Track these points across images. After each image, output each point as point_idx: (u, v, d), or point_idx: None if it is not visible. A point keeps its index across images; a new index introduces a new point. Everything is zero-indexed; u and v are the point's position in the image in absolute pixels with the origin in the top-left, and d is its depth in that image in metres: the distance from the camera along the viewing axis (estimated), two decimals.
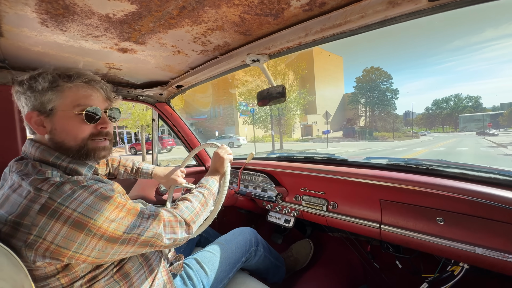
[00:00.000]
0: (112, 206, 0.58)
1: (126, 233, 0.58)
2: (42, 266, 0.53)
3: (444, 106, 66.36)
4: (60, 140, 0.66)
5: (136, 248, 0.61)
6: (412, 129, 54.24)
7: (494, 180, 0.87)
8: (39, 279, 0.55)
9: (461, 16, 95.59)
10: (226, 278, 0.99)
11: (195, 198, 0.81)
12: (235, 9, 0.70)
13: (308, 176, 1.32)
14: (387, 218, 1.02)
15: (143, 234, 0.61)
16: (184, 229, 0.71)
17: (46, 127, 0.65)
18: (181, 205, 0.76)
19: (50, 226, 0.51)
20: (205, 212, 0.82)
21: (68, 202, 0.53)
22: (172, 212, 0.71)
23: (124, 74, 1.26)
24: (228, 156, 1.01)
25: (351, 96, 50.98)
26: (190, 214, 0.74)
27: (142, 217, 0.62)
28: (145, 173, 1.26)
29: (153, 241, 0.63)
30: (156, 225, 0.64)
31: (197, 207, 0.78)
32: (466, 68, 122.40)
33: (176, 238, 0.68)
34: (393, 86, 48.52)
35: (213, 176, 0.95)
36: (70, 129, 0.66)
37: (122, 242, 0.58)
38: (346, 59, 67.50)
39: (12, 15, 0.67)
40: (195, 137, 1.83)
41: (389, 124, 45.01)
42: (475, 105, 62.63)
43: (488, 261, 0.80)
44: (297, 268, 1.54)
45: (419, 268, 1.31)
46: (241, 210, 2.03)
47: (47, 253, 0.52)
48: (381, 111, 48.99)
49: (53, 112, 0.64)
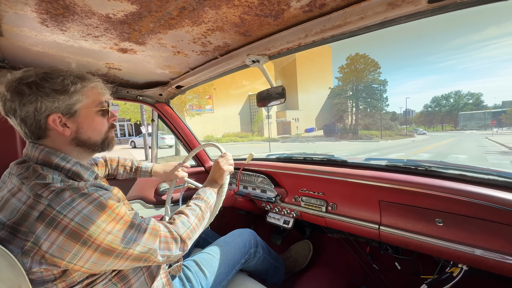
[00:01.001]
0: (110, 218, 0.57)
1: (121, 247, 0.57)
2: (38, 271, 0.53)
3: (443, 103, 61.63)
4: (87, 137, 0.70)
5: (130, 262, 0.60)
6: (407, 128, 49.10)
7: (493, 181, 0.87)
8: (36, 283, 0.54)
9: (462, 15, 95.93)
10: (225, 280, 0.98)
11: (192, 212, 0.79)
12: (235, 10, 0.70)
13: (307, 177, 1.32)
14: (386, 219, 1.02)
15: (138, 249, 0.60)
16: (179, 246, 0.70)
17: (71, 127, 0.67)
18: (177, 220, 0.74)
19: (46, 235, 0.51)
20: (201, 227, 0.81)
21: (66, 210, 0.53)
22: (169, 228, 0.70)
23: (124, 74, 1.26)
24: (228, 167, 1.00)
25: (335, 89, 45.01)
26: (186, 230, 0.73)
27: (139, 231, 0.62)
28: (144, 172, 1.27)
29: (147, 256, 0.62)
30: (152, 241, 0.63)
31: (193, 222, 0.77)
32: (467, 66, 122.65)
33: (170, 255, 0.68)
34: (381, 76, 41.96)
35: (211, 187, 0.93)
36: (95, 126, 0.72)
37: (116, 256, 0.57)
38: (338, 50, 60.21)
39: (12, 15, 0.67)
40: (194, 137, 1.83)
41: (378, 122, 39.72)
42: (476, 102, 58.06)
43: (487, 263, 0.80)
44: (296, 269, 1.54)
45: (418, 270, 1.31)
46: (240, 211, 2.03)
47: (43, 260, 0.51)
48: (367, 106, 43.00)
49: (77, 113, 0.67)
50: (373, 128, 39.17)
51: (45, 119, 0.63)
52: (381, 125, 37.43)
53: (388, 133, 36.32)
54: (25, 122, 0.62)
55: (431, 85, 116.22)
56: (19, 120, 0.62)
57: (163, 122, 1.75)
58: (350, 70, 42.04)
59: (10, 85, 0.61)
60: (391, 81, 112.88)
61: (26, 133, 0.65)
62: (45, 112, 0.62)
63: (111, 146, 0.78)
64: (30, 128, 0.63)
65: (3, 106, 0.62)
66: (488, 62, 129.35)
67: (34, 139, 0.66)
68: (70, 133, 0.67)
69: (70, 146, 0.69)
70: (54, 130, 0.65)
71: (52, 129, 0.65)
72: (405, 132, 40.00)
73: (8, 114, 0.63)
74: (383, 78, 41.70)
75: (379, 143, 26.39)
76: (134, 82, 1.41)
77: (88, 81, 0.69)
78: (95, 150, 0.74)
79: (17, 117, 0.62)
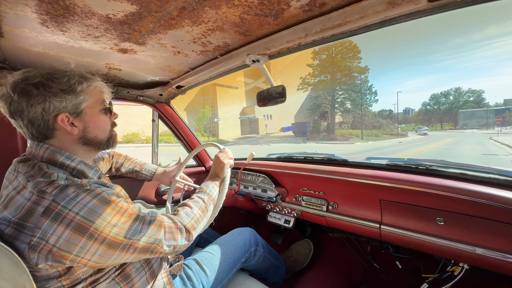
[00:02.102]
0: (114, 211, 0.58)
1: (127, 239, 0.58)
2: (44, 268, 0.54)
3: (443, 101, 55.88)
4: (93, 135, 0.72)
5: (137, 254, 0.61)
6: (400, 126, 43.72)
7: (494, 180, 0.87)
8: (41, 280, 0.55)
9: (463, 13, 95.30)
10: (225, 278, 0.99)
11: (195, 204, 0.81)
12: (235, 10, 0.70)
13: (308, 177, 1.32)
14: (387, 218, 1.02)
15: (144, 240, 0.61)
16: (184, 236, 0.71)
17: (78, 126, 0.68)
18: (181, 212, 0.76)
19: (53, 229, 0.52)
20: (205, 218, 0.82)
21: (71, 205, 0.53)
22: (173, 219, 0.71)
23: (124, 74, 1.26)
24: (228, 161, 1.02)
25: (306, 79, 33.92)
26: (191, 221, 0.74)
27: (143, 223, 0.62)
28: (146, 174, 1.29)
29: (153, 247, 0.63)
30: (157, 231, 0.64)
31: (197, 213, 0.78)
32: (468, 65, 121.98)
33: (176, 245, 0.68)
34: (361, 64, 31.67)
35: (213, 181, 0.95)
36: (101, 124, 0.74)
37: (123, 248, 0.58)
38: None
39: (12, 16, 0.67)
40: (195, 137, 1.83)
41: (365, 119, 32.35)
42: (478, 100, 51.91)
43: (488, 262, 0.80)
44: (297, 268, 1.54)
45: (419, 269, 1.31)
46: (241, 210, 2.03)
47: (50, 255, 0.52)
48: (345, 99, 33.56)
49: (83, 112, 0.68)
50: (358, 127, 32.13)
51: (54, 119, 0.64)
52: (362, 123, 30.84)
53: (375, 132, 30.66)
54: (32, 123, 0.62)
55: (432, 84, 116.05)
56: (26, 121, 0.62)
57: (163, 122, 1.75)
58: (326, 56, 32.47)
59: (16, 86, 0.60)
60: (391, 80, 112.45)
61: (33, 134, 0.64)
62: (53, 112, 0.63)
63: (115, 143, 0.81)
64: (38, 129, 0.63)
65: (9, 108, 0.61)
66: (489, 61, 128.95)
67: (41, 140, 0.66)
68: (77, 132, 0.68)
69: (76, 145, 0.70)
70: (62, 130, 0.66)
71: (60, 129, 0.66)
72: (396, 132, 33.60)
73: (14, 115, 0.62)
74: (364, 65, 31.76)
75: (354, 145, 21.77)
76: (134, 82, 1.41)
77: (91, 80, 0.71)
78: (100, 148, 0.76)
79: (24, 118, 0.62)
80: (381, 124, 35.25)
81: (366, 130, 30.73)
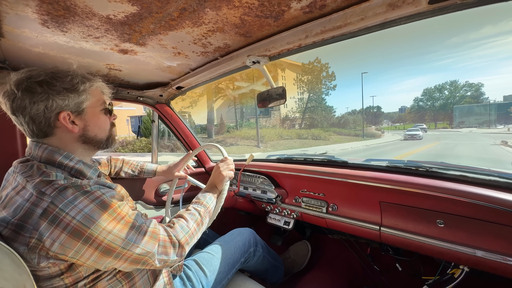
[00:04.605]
0: (111, 217, 0.58)
1: (121, 247, 0.58)
2: (46, 266, 0.54)
3: (436, 96, 49.18)
4: (93, 134, 0.73)
5: (129, 264, 0.61)
6: (377, 126, 37.88)
7: (494, 182, 0.86)
8: (43, 279, 0.55)
9: (459, 14, 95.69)
10: (225, 279, 0.99)
11: (191, 216, 0.79)
12: (236, 11, 0.70)
13: (308, 178, 1.32)
14: (387, 220, 1.02)
15: (137, 252, 0.60)
16: (177, 251, 0.70)
17: (79, 125, 0.69)
18: (176, 225, 0.74)
19: (49, 232, 0.52)
20: (200, 232, 0.80)
21: (68, 208, 0.53)
22: (168, 232, 0.70)
23: (124, 75, 1.26)
24: (228, 173, 0.98)
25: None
26: (185, 235, 0.73)
27: (139, 232, 0.62)
28: (148, 171, 1.31)
29: (145, 259, 0.62)
30: (152, 244, 0.63)
31: (192, 227, 0.77)
32: (465, 65, 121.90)
33: (167, 260, 0.67)
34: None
35: (210, 192, 0.93)
36: (101, 124, 0.75)
37: (116, 256, 0.58)
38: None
39: (13, 16, 0.67)
40: (195, 138, 1.83)
41: (325, 119, 27.73)
42: (476, 95, 45.66)
43: (488, 264, 0.80)
44: (295, 270, 1.53)
45: (419, 271, 1.30)
46: (240, 211, 2.02)
47: (48, 255, 0.52)
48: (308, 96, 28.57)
49: (84, 111, 0.69)
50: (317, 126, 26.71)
51: (55, 116, 0.64)
52: (322, 123, 25.56)
53: (332, 131, 25.08)
54: (33, 120, 0.63)
55: (429, 83, 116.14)
56: (28, 118, 0.62)
57: (163, 123, 1.75)
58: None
59: (20, 83, 0.61)
60: (390, 79, 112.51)
61: (33, 131, 0.65)
62: (55, 110, 0.64)
63: (114, 143, 0.81)
64: (38, 126, 0.64)
65: (11, 104, 0.62)
66: (486, 60, 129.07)
67: (41, 137, 0.66)
68: (78, 130, 0.69)
69: (76, 143, 0.70)
70: (63, 128, 0.66)
71: (61, 127, 0.66)
72: (361, 133, 26.33)
73: (16, 112, 0.63)
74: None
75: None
76: (134, 83, 1.41)
77: (93, 81, 0.72)
78: (100, 147, 0.77)
79: (26, 115, 0.62)
80: (346, 122, 29.89)
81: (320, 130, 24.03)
